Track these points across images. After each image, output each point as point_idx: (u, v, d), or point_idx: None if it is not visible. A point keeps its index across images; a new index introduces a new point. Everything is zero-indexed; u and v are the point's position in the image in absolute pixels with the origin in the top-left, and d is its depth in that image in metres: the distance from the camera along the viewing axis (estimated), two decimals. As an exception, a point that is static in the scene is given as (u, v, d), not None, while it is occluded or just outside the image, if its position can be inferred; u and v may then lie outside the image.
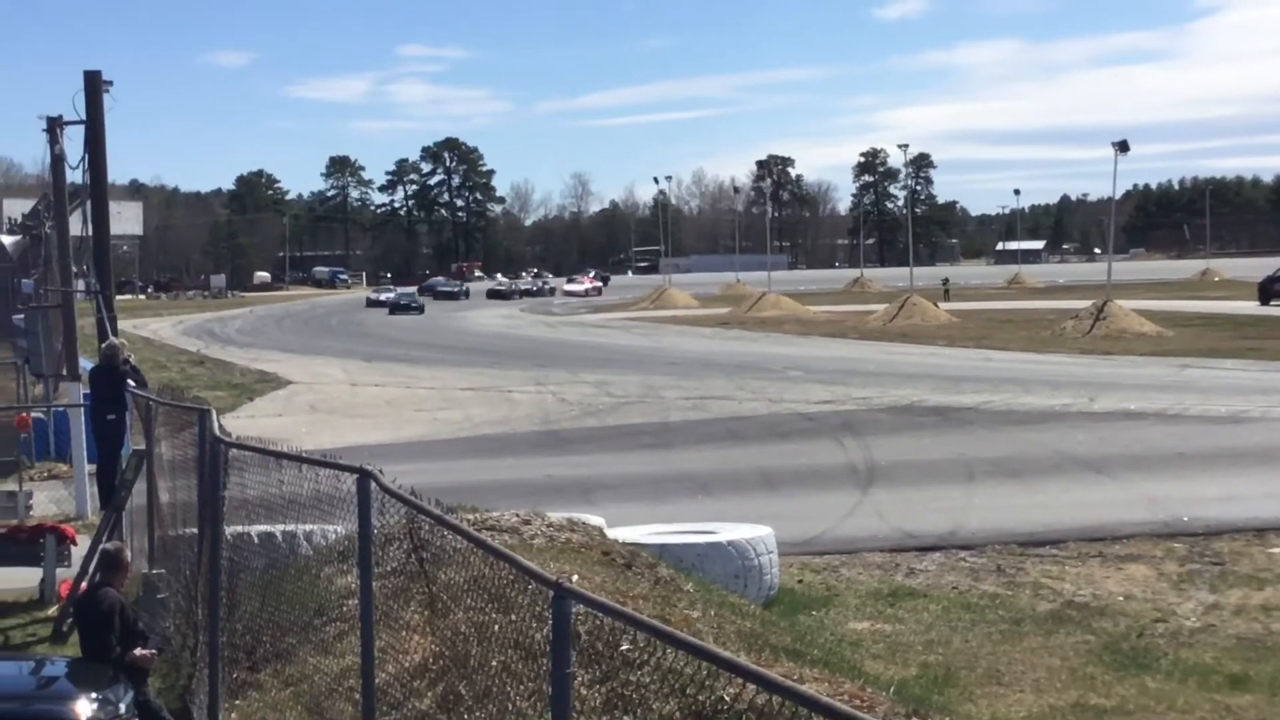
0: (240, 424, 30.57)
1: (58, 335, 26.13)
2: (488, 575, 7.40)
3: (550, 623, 5.69)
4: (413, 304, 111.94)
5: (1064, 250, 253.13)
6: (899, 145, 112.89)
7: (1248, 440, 28.53)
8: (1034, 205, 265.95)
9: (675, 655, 5.14)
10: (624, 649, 7.88)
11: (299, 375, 48.89)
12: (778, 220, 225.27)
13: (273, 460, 10.95)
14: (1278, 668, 13.92)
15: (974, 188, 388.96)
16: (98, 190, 24.38)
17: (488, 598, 7.50)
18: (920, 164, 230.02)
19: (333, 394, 42.87)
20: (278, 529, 11.90)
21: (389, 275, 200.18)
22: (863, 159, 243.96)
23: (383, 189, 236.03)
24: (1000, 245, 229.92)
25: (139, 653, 10.78)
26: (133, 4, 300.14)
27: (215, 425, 11.95)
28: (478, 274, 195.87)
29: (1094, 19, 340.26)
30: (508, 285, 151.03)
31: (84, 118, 23.76)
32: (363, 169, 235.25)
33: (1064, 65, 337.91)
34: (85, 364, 25.61)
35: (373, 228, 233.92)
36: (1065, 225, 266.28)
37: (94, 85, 23.76)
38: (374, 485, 8.32)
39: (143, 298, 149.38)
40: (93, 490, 22.08)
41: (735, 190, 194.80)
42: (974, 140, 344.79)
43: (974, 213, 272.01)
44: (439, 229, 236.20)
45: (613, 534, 15.00)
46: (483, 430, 33.18)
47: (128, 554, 12.19)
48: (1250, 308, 77.79)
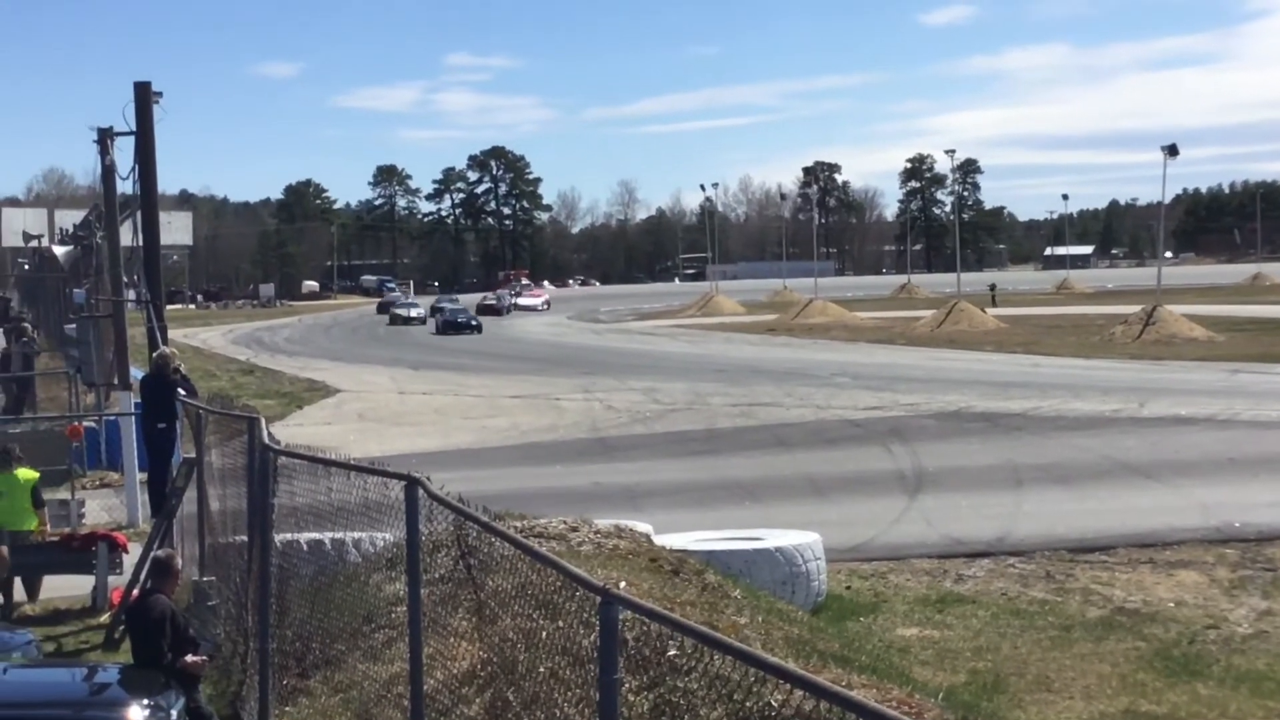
0: (289, 432, 30.72)
1: (109, 345, 26.31)
2: (535, 582, 7.42)
3: (597, 629, 5.70)
4: (469, 322, 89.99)
5: (1113, 255, 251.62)
6: (946, 151, 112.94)
7: (1300, 445, 28.30)
8: (1082, 210, 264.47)
9: (723, 661, 5.14)
10: (671, 655, 7.89)
11: (347, 384, 49.07)
12: (824, 227, 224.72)
13: (321, 468, 11.02)
14: (1331, 674, 13.81)
15: (1022, 193, 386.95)
16: (148, 200, 24.56)
17: (535, 604, 7.52)
18: (967, 169, 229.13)
19: (381, 402, 43.02)
20: (327, 536, 11.97)
21: (436, 284, 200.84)
22: (910, 165, 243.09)
23: (430, 198, 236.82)
24: (1048, 251, 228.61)
25: (190, 659, 10.84)
26: (183, 16, 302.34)
27: (264, 433, 12.02)
28: (525, 282, 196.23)
29: (1142, 23, 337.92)
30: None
31: (134, 129, 23.93)
32: (410, 178, 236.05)
33: (1112, 69, 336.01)
34: (136, 373, 25.78)
35: (420, 236, 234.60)
36: (1114, 230, 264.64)
37: (144, 96, 23.95)
38: (422, 492, 8.35)
39: (192, 307, 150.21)
40: (144, 498, 22.23)
41: (782, 197, 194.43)
42: (1022, 145, 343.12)
43: (1022, 218, 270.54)
44: (486, 237, 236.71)
45: (660, 541, 15.01)
46: (530, 438, 33.23)
47: (179, 561, 12.28)
48: (1302, 312, 77.17)
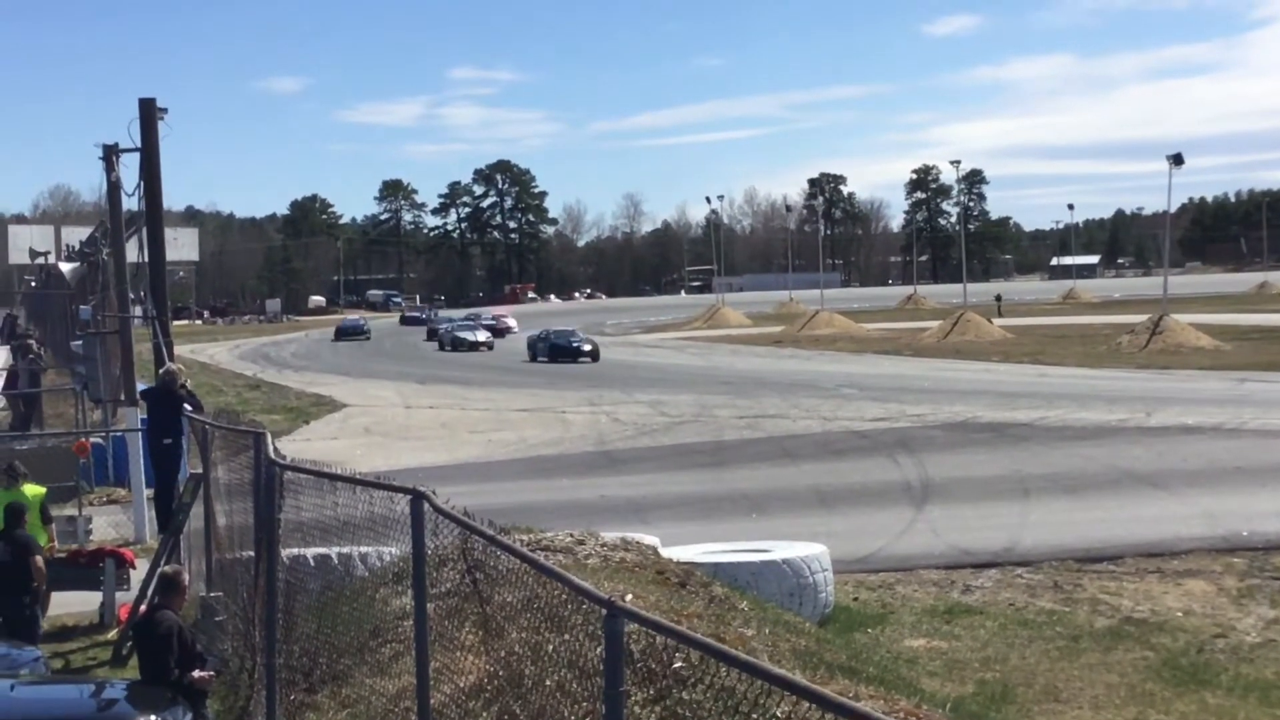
0: (296, 447, 30.74)
1: (115, 361, 26.33)
2: (541, 595, 7.42)
3: (603, 642, 5.70)
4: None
5: (1119, 265, 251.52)
6: (951, 162, 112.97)
7: (1308, 454, 28.28)
8: (1088, 220, 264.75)
9: (729, 673, 5.14)
10: (677, 667, 7.88)
11: (353, 398, 49.11)
12: (830, 238, 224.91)
13: (327, 482, 11.01)
14: (1340, 683, 13.78)
15: (1027, 203, 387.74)
16: (153, 216, 24.60)
17: (542, 617, 7.52)
18: (973, 180, 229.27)
19: (387, 416, 43.05)
20: (333, 551, 11.97)
21: (442, 298, 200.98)
22: (915, 176, 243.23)
23: (435, 212, 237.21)
24: (1054, 261, 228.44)
25: (197, 675, 10.85)
26: (188, 33, 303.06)
27: (270, 448, 12.02)
28: (531, 295, 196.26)
29: (1145, 32, 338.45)
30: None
31: (139, 145, 23.99)
32: (415, 192, 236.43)
33: (1116, 79, 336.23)
34: (142, 387, 25.80)
35: (426, 251, 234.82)
36: (1120, 240, 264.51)
37: (149, 113, 23.99)
38: (427, 506, 8.35)
39: (199, 323, 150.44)
40: (151, 514, 22.24)
41: (787, 209, 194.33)
42: (1027, 155, 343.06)
43: (1027, 228, 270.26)
44: (492, 251, 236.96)
45: (667, 553, 15.00)
46: (537, 451, 33.24)
47: (185, 577, 12.28)
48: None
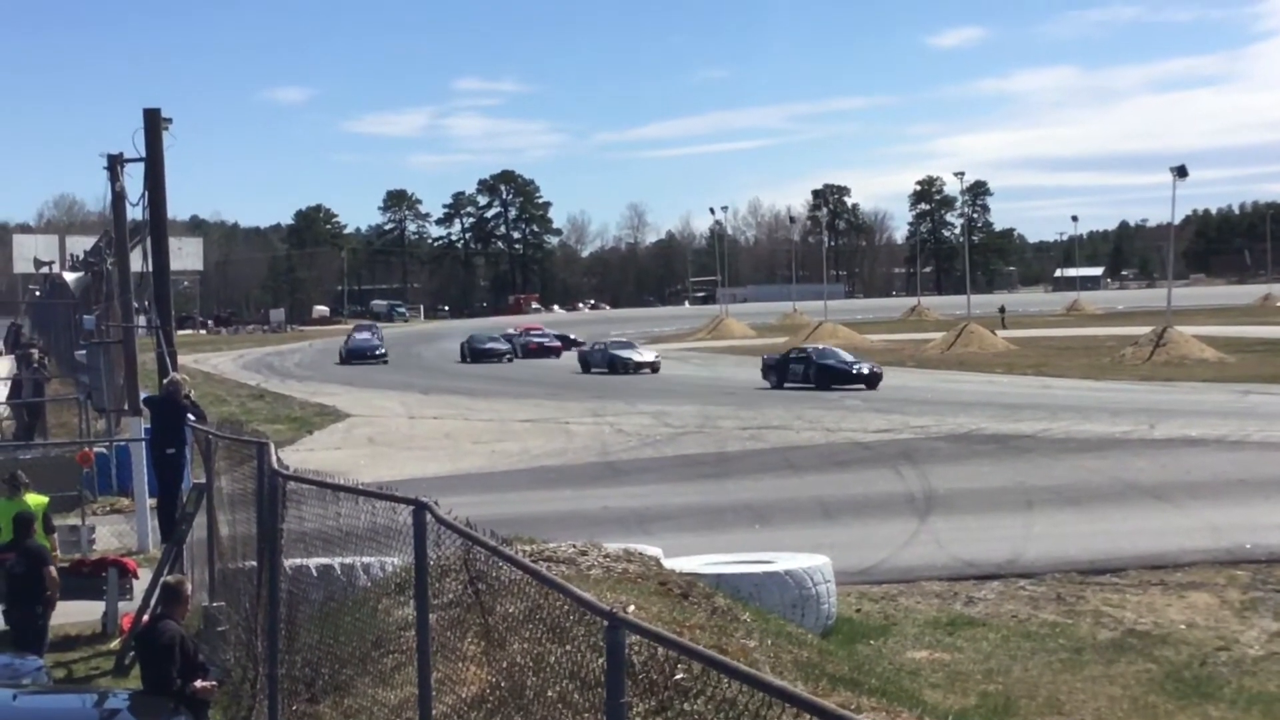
0: (299, 457, 30.76)
1: (119, 370, 26.39)
2: (543, 606, 7.43)
3: (605, 653, 5.71)
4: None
5: (1123, 276, 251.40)
6: (955, 173, 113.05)
7: (1311, 466, 28.26)
8: (1092, 232, 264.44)
9: (730, 685, 5.14)
10: (679, 679, 7.88)
11: (357, 408, 49.08)
12: (834, 249, 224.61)
13: (330, 493, 11.02)
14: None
15: (1031, 215, 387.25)
16: (158, 226, 24.63)
17: (544, 628, 7.53)
18: (977, 192, 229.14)
19: (391, 427, 43.03)
20: (336, 561, 11.97)
21: (446, 308, 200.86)
22: (919, 187, 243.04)
23: (440, 222, 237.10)
24: (1058, 272, 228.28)
25: (200, 685, 10.85)
26: (194, 43, 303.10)
27: (273, 458, 12.03)
28: (535, 306, 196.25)
29: (1150, 44, 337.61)
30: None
31: (144, 155, 24.03)
32: (420, 202, 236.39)
33: (1121, 91, 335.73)
34: (145, 396, 25.83)
35: (430, 261, 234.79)
36: (1124, 251, 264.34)
37: (154, 123, 24.04)
38: (430, 517, 8.36)
39: (203, 332, 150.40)
40: (154, 524, 22.23)
41: (791, 220, 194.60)
42: (1031, 167, 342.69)
43: (1032, 240, 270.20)
44: (496, 261, 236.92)
45: (670, 564, 15.00)
46: (540, 462, 33.23)
47: (188, 587, 12.29)
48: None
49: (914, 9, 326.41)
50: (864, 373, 54.28)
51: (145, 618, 14.06)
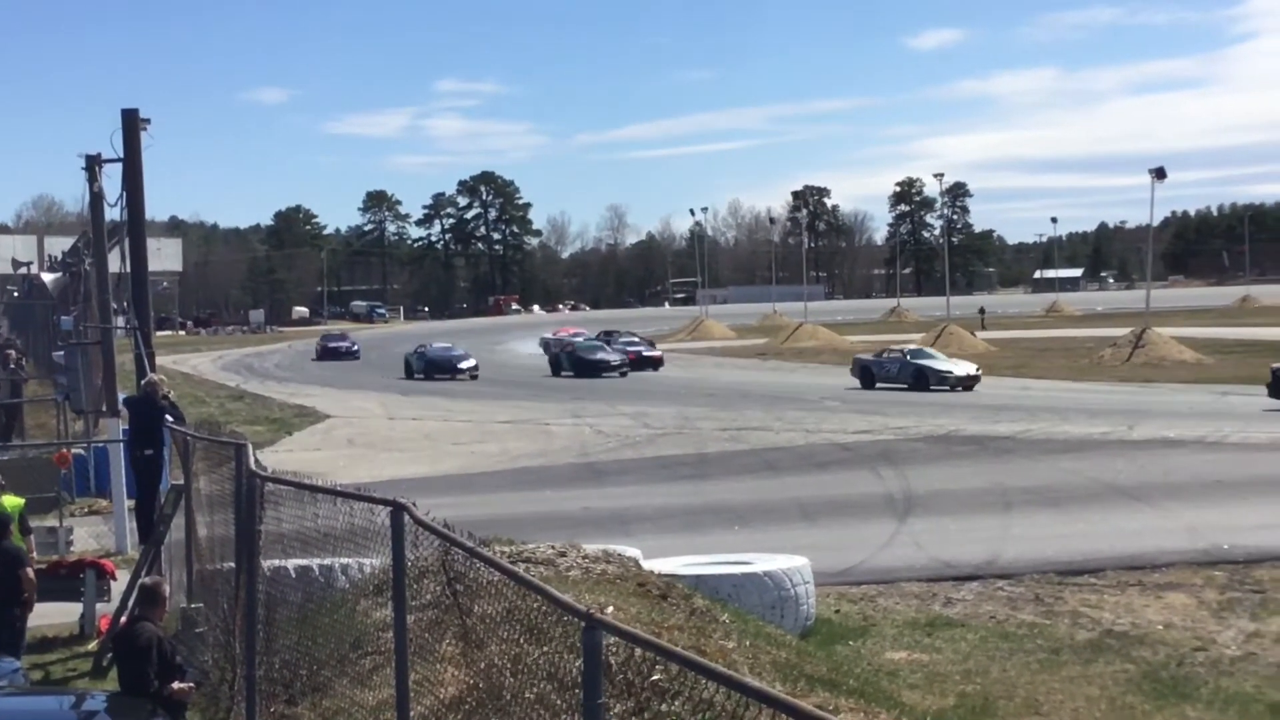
0: (278, 458, 30.70)
1: (97, 372, 26.26)
2: (521, 607, 7.43)
3: (582, 654, 5.71)
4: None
5: (1102, 278, 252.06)
6: (935, 175, 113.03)
7: (1288, 467, 28.36)
8: (1071, 233, 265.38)
9: (708, 686, 5.15)
10: (656, 680, 7.88)
11: (337, 409, 48.99)
12: (814, 251, 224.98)
13: (308, 494, 11.01)
14: (1319, 696, 13.82)
15: (1011, 216, 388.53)
16: (135, 227, 24.54)
17: (521, 630, 7.53)
18: (956, 193, 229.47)
19: (370, 428, 42.97)
20: (314, 563, 11.94)
21: (426, 309, 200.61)
22: (899, 189, 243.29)
23: (420, 223, 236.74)
24: (1038, 274, 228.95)
25: (177, 686, 10.83)
26: (173, 43, 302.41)
27: (251, 460, 12.01)
28: (515, 307, 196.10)
29: (1129, 47, 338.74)
30: None
31: (122, 156, 23.96)
32: (400, 203, 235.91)
33: (1100, 93, 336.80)
34: (124, 397, 25.76)
35: (410, 262, 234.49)
36: (1103, 253, 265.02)
37: (132, 123, 23.96)
38: (408, 518, 8.35)
39: (182, 333, 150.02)
40: (132, 525, 22.18)
41: (771, 221, 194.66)
42: (1010, 169, 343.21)
43: (1011, 241, 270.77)
44: (476, 262, 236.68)
45: (649, 565, 15.00)
46: (520, 463, 33.21)
47: (166, 588, 12.26)
48: (1290, 334, 77.35)
49: (894, 11, 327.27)
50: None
51: (123, 619, 14.00)
